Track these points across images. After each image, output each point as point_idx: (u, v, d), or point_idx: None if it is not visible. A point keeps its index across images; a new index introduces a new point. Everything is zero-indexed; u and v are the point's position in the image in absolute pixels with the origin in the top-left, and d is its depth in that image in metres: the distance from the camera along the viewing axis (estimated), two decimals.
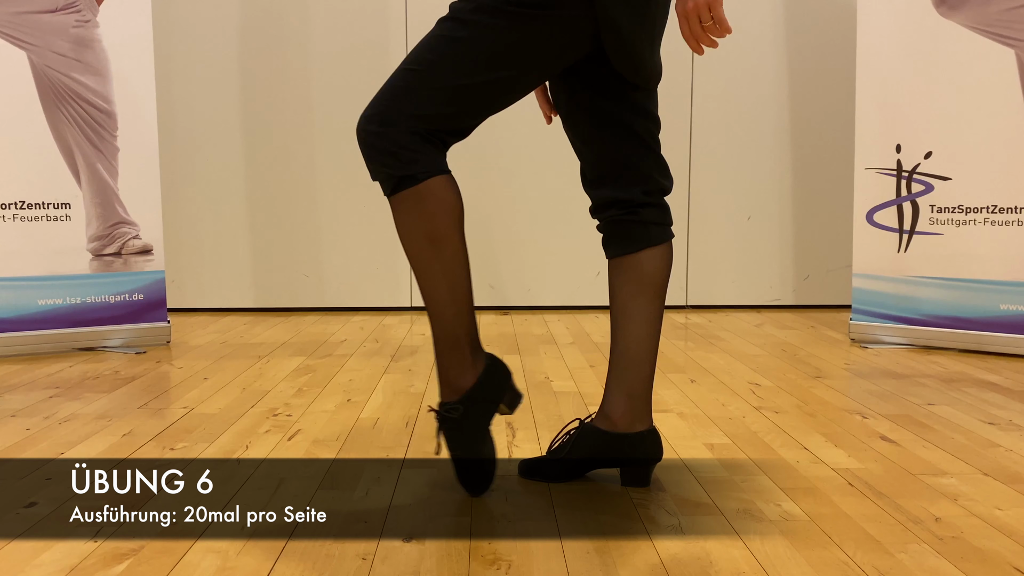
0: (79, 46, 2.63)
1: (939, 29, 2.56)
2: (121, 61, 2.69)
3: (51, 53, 2.59)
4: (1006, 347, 2.53)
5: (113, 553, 1.17)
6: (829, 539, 1.22)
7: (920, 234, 2.67)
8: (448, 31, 1.27)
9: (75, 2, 2.61)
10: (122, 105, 2.70)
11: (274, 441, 1.71)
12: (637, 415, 1.42)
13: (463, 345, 1.34)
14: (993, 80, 2.50)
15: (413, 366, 2.45)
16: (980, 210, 2.57)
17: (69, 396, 2.09)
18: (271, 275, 3.56)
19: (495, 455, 1.38)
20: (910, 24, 2.61)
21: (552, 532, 1.25)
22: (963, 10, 2.52)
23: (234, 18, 3.45)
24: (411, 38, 3.47)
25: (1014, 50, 2.46)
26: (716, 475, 1.49)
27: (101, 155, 2.69)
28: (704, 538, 1.22)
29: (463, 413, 1.34)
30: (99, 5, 2.65)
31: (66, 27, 2.61)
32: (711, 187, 3.58)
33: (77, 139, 2.65)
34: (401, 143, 1.27)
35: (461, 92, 1.28)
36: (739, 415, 1.90)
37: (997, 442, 1.68)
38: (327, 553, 1.17)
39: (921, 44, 2.60)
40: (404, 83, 1.28)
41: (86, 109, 2.65)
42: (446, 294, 1.33)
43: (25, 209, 2.60)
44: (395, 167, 1.27)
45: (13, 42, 2.55)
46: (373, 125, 1.28)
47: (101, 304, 2.72)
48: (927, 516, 1.30)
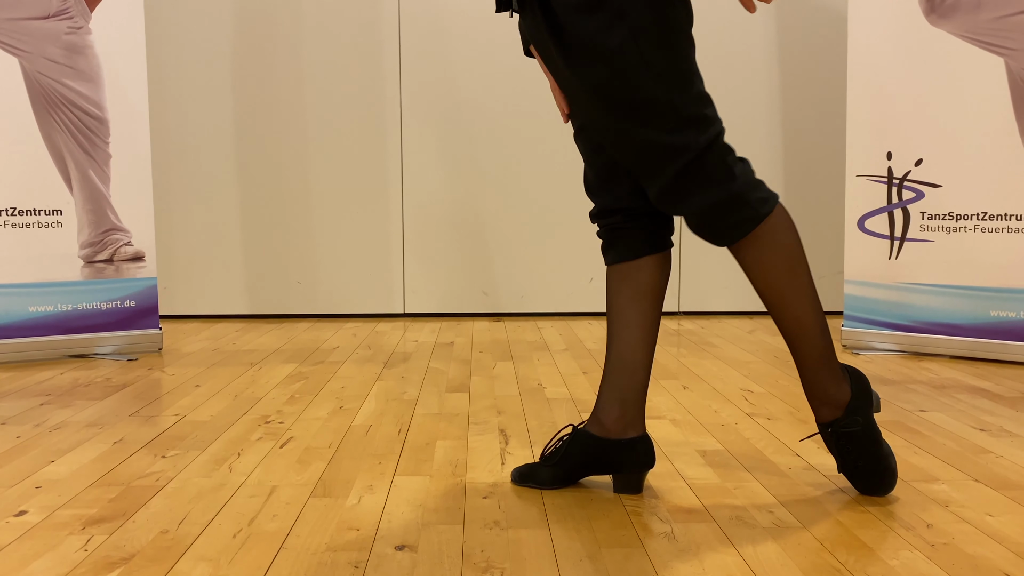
0: (71, 52, 2.62)
1: (929, 37, 2.58)
2: (114, 67, 2.69)
3: (43, 59, 2.59)
4: (997, 353, 2.54)
5: (104, 562, 1.17)
6: (821, 546, 1.22)
7: (911, 241, 2.68)
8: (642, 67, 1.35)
9: (67, 8, 2.61)
10: (114, 111, 2.70)
11: (266, 448, 1.70)
12: (630, 421, 1.42)
13: (834, 358, 1.37)
14: (983, 88, 2.52)
15: (406, 373, 2.45)
16: (970, 217, 2.58)
17: (60, 403, 2.08)
18: (263, 282, 3.56)
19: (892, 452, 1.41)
20: (901, 32, 2.62)
21: (545, 540, 1.25)
22: (953, 18, 2.54)
23: (227, 25, 3.45)
24: (404, 46, 3.47)
25: (1003, 58, 2.48)
26: (709, 482, 1.50)
27: (93, 161, 2.68)
28: (697, 545, 1.22)
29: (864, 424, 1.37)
30: (91, 11, 2.65)
31: (58, 33, 2.60)
32: None
33: (69, 145, 2.64)
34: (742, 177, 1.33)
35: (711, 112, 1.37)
36: (731, 421, 1.90)
37: (988, 448, 1.68)
38: (319, 561, 1.17)
39: (912, 52, 2.61)
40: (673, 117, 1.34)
41: (78, 115, 2.64)
42: (818, 310, 1.35)
43: (16, 216, 2.60)
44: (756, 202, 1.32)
45: (5, 48, 2.54)
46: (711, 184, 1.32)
47: (92, 311, 2.71)
48: (918, 522, 1.30)
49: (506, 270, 3.59)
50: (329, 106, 3.49)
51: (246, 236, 3.54)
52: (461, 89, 3.51)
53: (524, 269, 3.59)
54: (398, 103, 3.50)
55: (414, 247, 3.57)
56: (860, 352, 2.72)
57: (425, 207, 3.54)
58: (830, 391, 1.38)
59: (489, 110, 3.52)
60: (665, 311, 3.60)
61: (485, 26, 3.48)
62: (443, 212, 3.54)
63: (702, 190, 1.29)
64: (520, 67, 3.50)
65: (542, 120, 3.53)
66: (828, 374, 1.37)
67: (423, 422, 1.91)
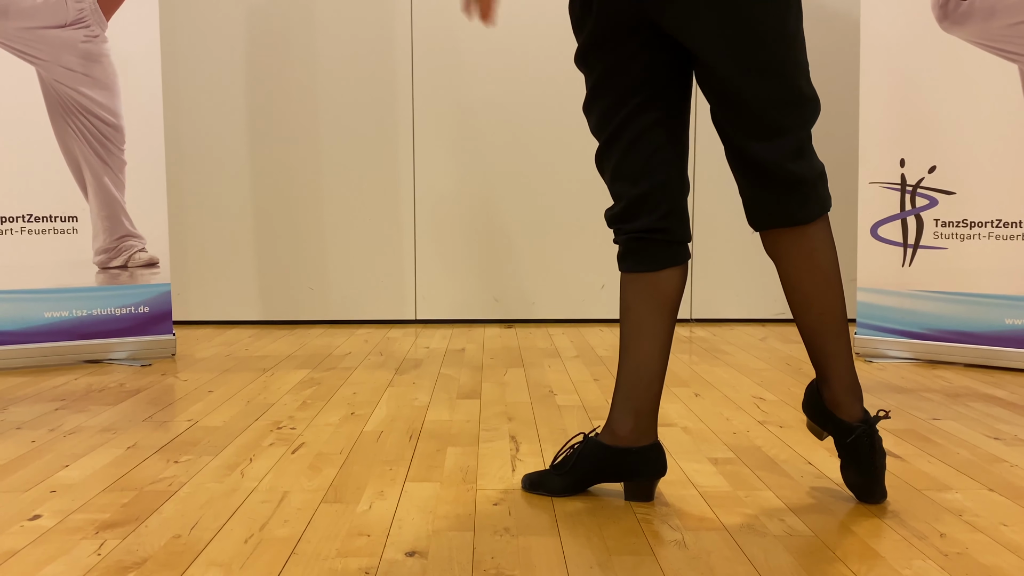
0: (87, 61, 2.65)
1: (942, 44, 2.57)
2: (129, 75, 2.71)
3: (60, 68, 2.61)
4: (1011, 362, 2.52)
5: (117, 567, 1.17)
6: (834, 555, 1.21)
7: (924, 248, 2.66)
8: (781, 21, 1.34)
9: (84, 17, 2.63)
10: (129, 119, 2.72)
11: (278, 454, 1.71)
12: (643, 431, 1.41)
13: None
14: (996, 94, 2.51)
15: (417, 379, 2.45)
16: (984, 224, 2.56)
17: (74, 408, 2.09)
18: (276, 288, 3.57)
19: None
20: (913, 38, 2.61)
21: (555, 547, 1.24)
22: (966, 25, 2.53)
23: (240, 34, 3.47)
24: (416, 52, 3.49)
25: (1017, 64, 2.47)
26: (720, 490, 1.49)
27: (108, 168, 2.70)
28: (708, 553, 1.22)
29: (868, 432, 1.37)
30: (108, 20, 2.67)
31: (75, 42, 2.63)
32: (716, 202, 3.58)
33: (85, 153, 2.67)
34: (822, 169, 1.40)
35: None
36: (743, 429, 1.89)
37: (1003, 457, 1.67)
38: (330, 567, 1.17)
39: (925, 58, 2.60)
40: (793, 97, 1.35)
41: (94, 123, 2.67)
42: (844, 309, 1.39)
43: (32, 222, 2.62)
44: (825, 194, 1.38)
45: (22, 57, 2.57)
46: (809, 168, 1.37)
47: (107, 317, 2.72)
48: (932, 532, 1.29)
49: (516, 277, 3.59)
50: (341, 113, 3.50)
51: (259, 242, 3.56)
52: (473, 95, 3.52)
53: (535, 275, 3.59)
54: (410, 110, 3.51)
55: (426, 253, 3.58)
56: (873, 360, 2.70)
57: (437, 214, 3.55)
58: (859, 387, 1.40)
59: (500, 116, 3.53)
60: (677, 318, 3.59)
61: (498, 30, 3.49)
62: (455, 218, 3.55)
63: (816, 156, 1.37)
64: (534, 71, 3.51)
65: (552, 126, 3.53)
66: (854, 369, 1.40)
67: (434, 428, 1.91)
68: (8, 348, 2.59)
